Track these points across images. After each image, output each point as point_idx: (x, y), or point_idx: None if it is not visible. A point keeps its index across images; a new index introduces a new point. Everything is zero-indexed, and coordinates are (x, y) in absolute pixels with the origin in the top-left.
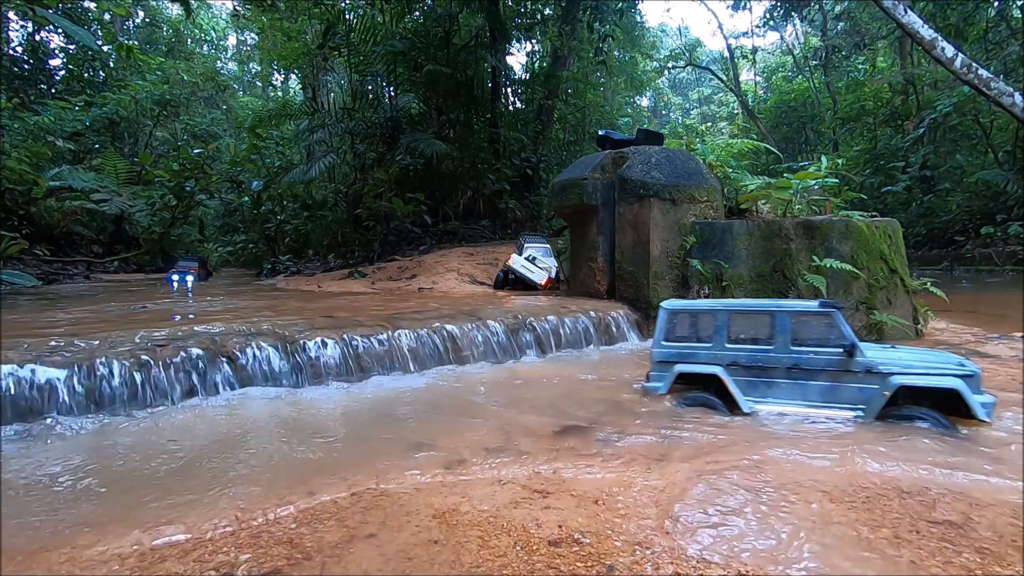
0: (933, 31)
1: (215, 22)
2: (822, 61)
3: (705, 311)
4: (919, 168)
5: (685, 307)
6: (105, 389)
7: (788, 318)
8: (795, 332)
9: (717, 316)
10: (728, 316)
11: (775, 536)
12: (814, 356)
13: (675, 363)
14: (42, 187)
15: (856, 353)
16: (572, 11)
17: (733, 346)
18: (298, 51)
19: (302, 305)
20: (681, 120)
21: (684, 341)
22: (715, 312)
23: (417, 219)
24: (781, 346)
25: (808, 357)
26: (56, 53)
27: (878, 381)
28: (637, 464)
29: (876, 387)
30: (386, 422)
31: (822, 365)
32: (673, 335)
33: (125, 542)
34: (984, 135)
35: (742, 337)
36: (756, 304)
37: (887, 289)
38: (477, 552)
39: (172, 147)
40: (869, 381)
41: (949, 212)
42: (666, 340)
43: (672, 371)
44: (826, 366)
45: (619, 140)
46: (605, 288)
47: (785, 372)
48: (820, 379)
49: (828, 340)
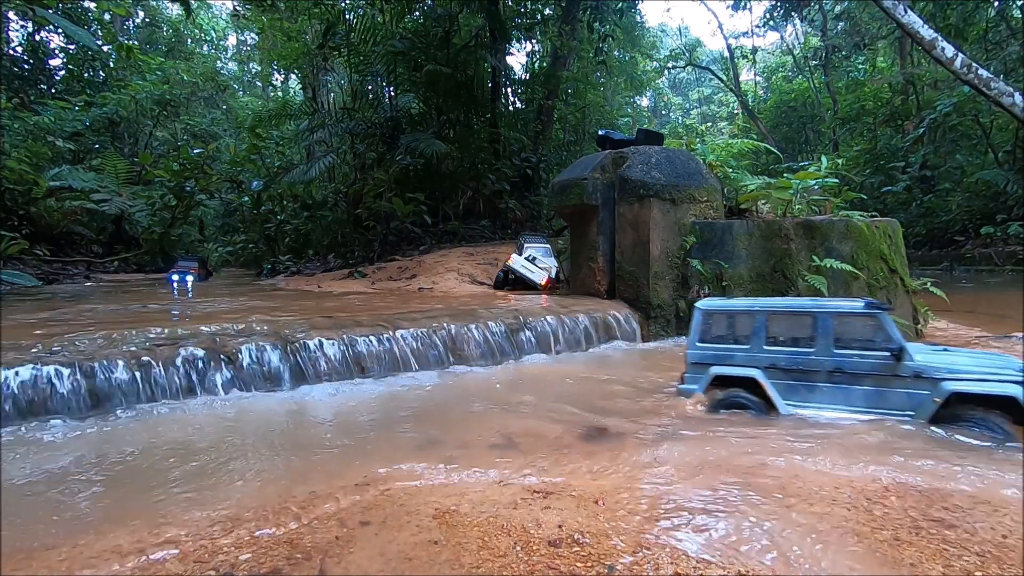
0: (933, 31)
1: (215, 22)
2: (822, 61)
3: (742, 311)
4: (919, 168)
5: (721, 307)
6: (105, 389)
7: (831, 319)
8: (838, 334)
9: (755, 317)
10: (766, 317)
11: (776, 539)
12: (859, 359)
13: (711, 365)
14: (42, 187)
15: (904, 357)
16: (572, 11)
17: (771, 348)
18: (298, 51)
19: (302, 305)
20: (681, 120)
21: (720, 342)
22: (753, 312)
23: (417, 219)
24: (823, 348)
25: (852, 360)
26: (56, 53)
27: (928, 387)
28: (638, 463)
29: (926, 393)
30: (385, 422)
31: (867, 369)
32: (709, 336)
33: (125, 541)
34: (984, 135)
35: (781, 339)
36: (796, 304)
37: (887, 289)
38: (477, 552)
39: (172, 147)
40: (919, 386)
41: (949, 212)
42: (701, 341)
43: (708, 373)
44: (872, 370)
45: (619, 140)
46: (605, 288)
47: (827, 376)
48: (865, 384)
49: (874, 343)
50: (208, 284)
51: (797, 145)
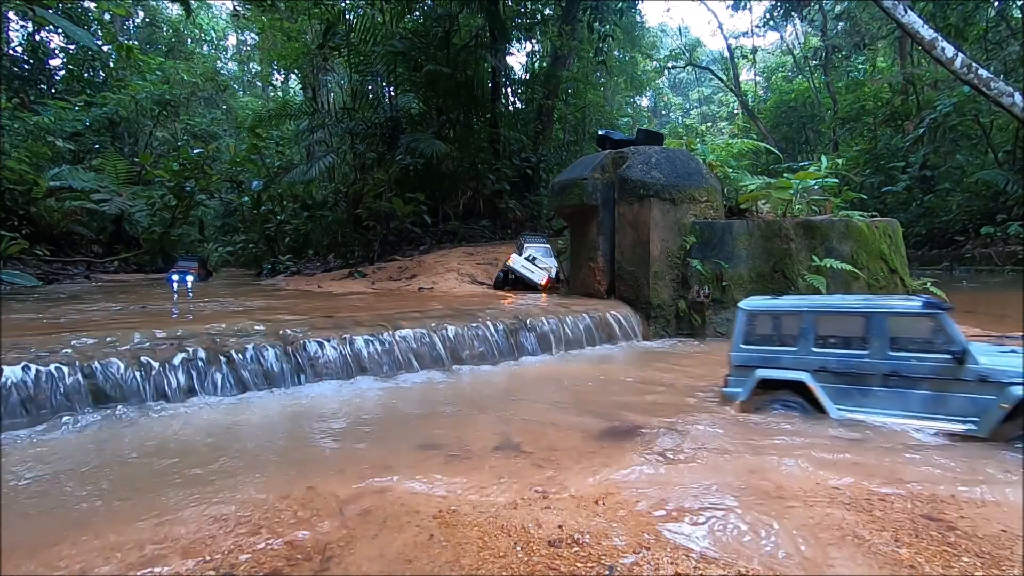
0: (933, 31)
1: (215, 22)
2: (822, 61)
3: (789, 312)
4: (919, 168)
5: (766, 307)
6: (105, 388)
7: (885, 320)
8: (894, 335)
9: (802, 317)
10: (814, 318)
11: (777, 541)
12: (917, 362)
13: (756, 368)
14: (42, 187)
15: (968, 360)
16: (572, 11)
17: (821, 350)
18: (298, 51)
19: (302, 305)
20: (681, 120)
21: (765, 344)
22: (800, 313)
23: (417, 219)
24: (877, 351)
25: (909, 363)
26: (56, 53)
27: (994, 391)
28: (639, 463)
29: (992, 398)
30: (386, 422)
31: (926, 372)
32: (753, 337)
33: (125, 539)
34: (984, 135)
35: (831, 340)
36: (847, 304)
37: (887, 289)
38: (477, 553)
39: (172, 147)
40: (983, 391)
41: (949, 212)
42: (745, 343)
43: (753, 376)
44: (931, 374)
45: (619, 140)
46: (605, 288)
47: (882, 380)
48: (923, 388)
49: (933, 345)
50: (208, 284)
51: (797, 145)
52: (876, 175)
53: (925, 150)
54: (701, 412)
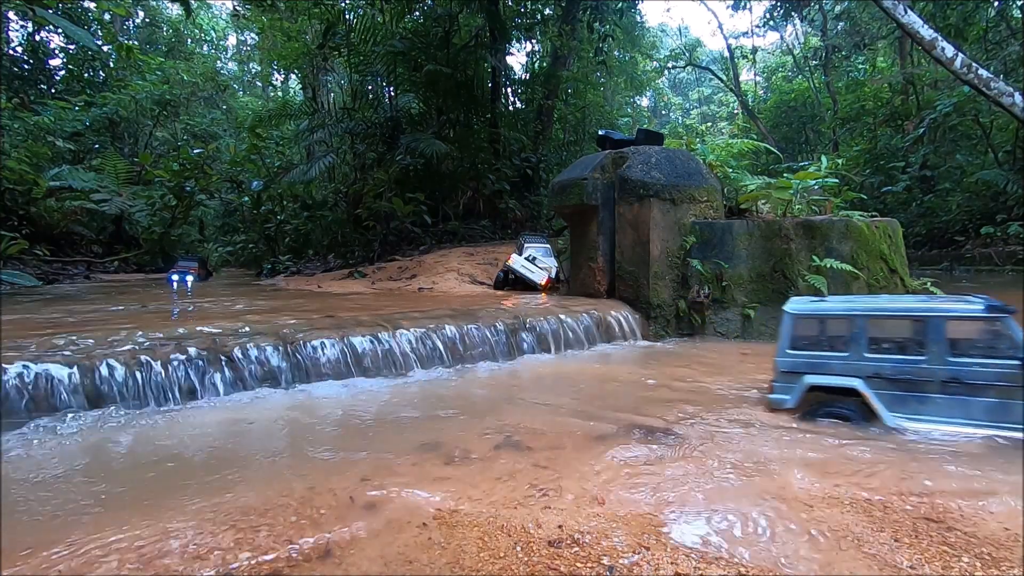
0: (933, 31)
1: (215, 22)
2: (822, 61)
3: (839, 315)
4: (919, 168)
5: (814, 310)
6: (104, 388)
7: (943, 324)
8: (953, 340)
9: (854, 321)
10: (867, 321)
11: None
12: (979, 368)
13: (803, 374)
14: (42, 187)
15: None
16: (572, 11)
17: (874, 355)
18: (298, 51)
19: (302, 305)
20: (681, 120)
21: (813, 349)
22: (852, 317)
23: (417, 219)
24: (936, 356)
25: (971, 369)
26: (56, 53)
27: None
28: (640, 462)
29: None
30: (386, 422)
31: (990, 379)
32: (800, 342)
33: (124, 539)
34: (984, 135)
35: (885, 345)
36: (903, 306)
37: (887, 289)
38: (477, 554)
39: (172, 147)
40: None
41: (949, 212)
42: (792, 348)
43: (801, 383)
44: (996, 380)
45: (619, 140)
46: (605, 288)
47: (941, 386)
48: (987, 395)
49: (998, 350)
50: (208, 284)
51: (797, 145)
52: (876, 175)
53: (925, 150)
54: (701, 412)
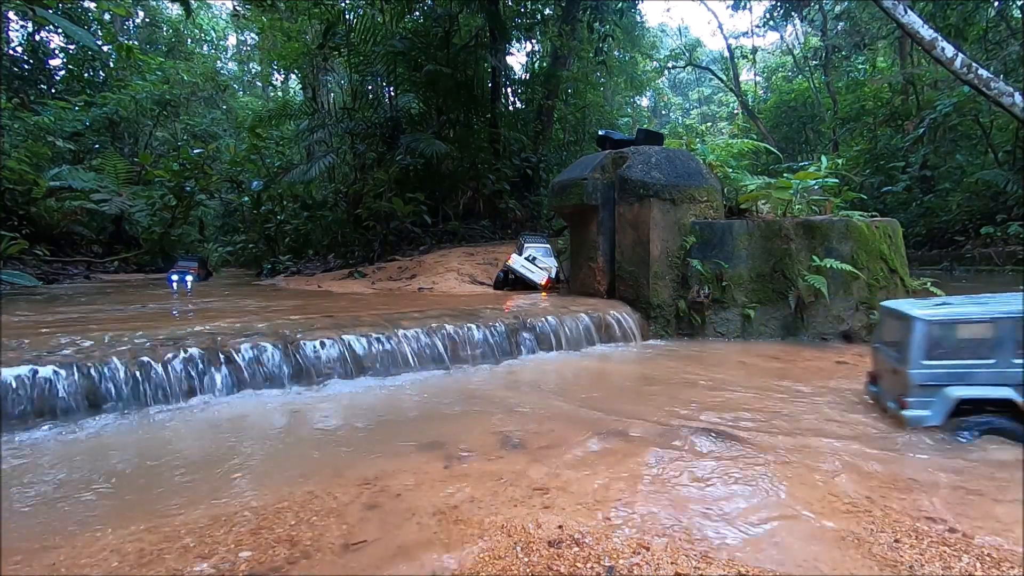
0: (933, 31)
1: (215, 22)
2: (822, 61)
3: (979, 320)
4: (919, 168)
5: (950, 317)
6: (103, 389)
7: None
8: None
9: (999, 326)
10: (1015, 325)
11: (777, 540)
12: None
13: (944, 386)
14: (42, 187)
15: None
16: (572, 11)
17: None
18: (298, 51)
19: (302, 305)
20: (681, 120)
21: (952, 358)
22: (996, 321)
23: (417, 219)
24: None
25: None
26: (56, 53)
27: None
28: (640, 462)
29: None
30: (386, 421)
31: None
32: (936, 351)
33: (124, 539)
34: (984, 135)
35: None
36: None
37: (887, 289)
38: (477, 554)
39: (172, 147)
40: None
41: (949, 212)
42: (928, 358)
43: (944, 396)
44: None
45: (619, 140)
46: (605, 288)
47: None
48: None
49: None
50: (208, 284)
51: (797, 145)
52: (876, 175)
53: (925, 150)
54: (701, 412)
